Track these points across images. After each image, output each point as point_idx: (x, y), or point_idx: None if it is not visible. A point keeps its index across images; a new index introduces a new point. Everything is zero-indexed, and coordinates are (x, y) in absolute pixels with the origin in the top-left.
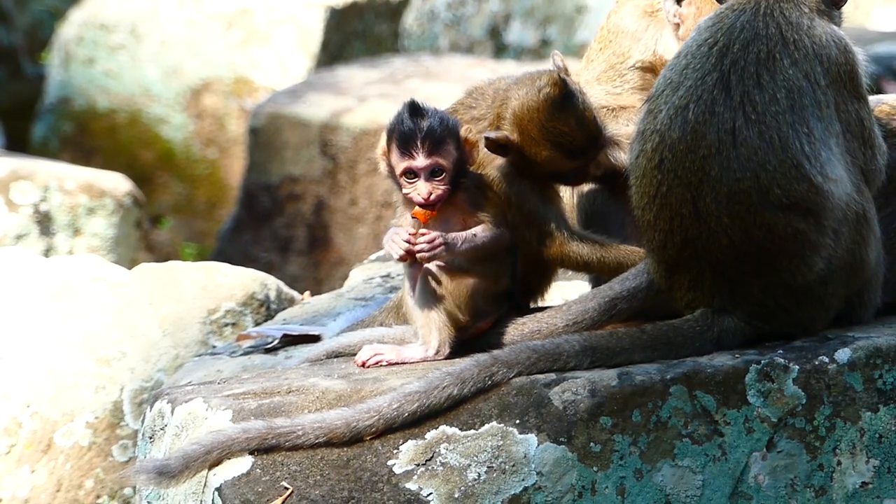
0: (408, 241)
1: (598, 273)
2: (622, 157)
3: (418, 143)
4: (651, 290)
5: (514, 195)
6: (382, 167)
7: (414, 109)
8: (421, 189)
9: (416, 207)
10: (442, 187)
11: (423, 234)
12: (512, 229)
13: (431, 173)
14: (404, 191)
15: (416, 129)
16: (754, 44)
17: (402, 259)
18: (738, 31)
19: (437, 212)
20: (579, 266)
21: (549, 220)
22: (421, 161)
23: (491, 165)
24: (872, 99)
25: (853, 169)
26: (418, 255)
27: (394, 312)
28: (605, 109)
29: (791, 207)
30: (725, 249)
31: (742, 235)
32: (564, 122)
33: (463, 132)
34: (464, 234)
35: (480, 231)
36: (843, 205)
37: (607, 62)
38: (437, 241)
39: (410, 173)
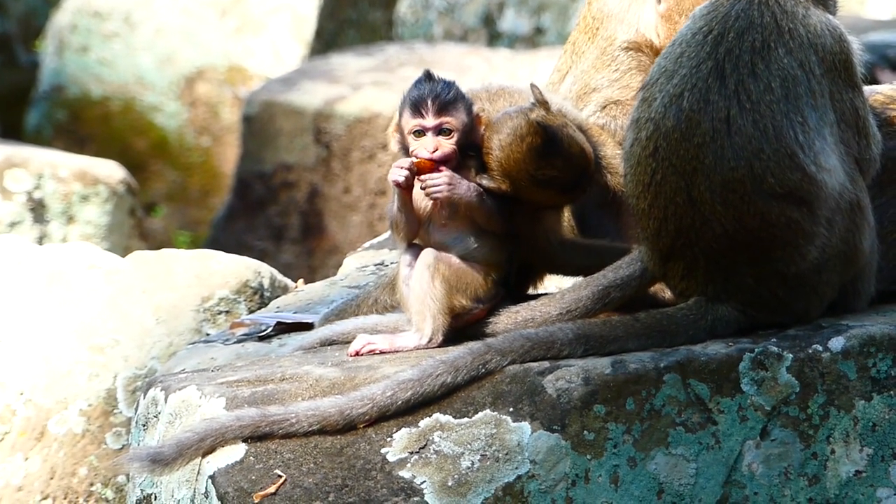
0: (409, 168)
1: (584, 275)
2: (612, 180)
3: (429, 103)
4: (644, 278)
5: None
6: (394, 142)
7: (429, 76)
8: (427, 142)
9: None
10: (449, 146)
11: (434, 174)
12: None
13: (440, 132)
14: (411, 148)
15: (427, 90)
16: (749, 32)
17: (397, 183)
18: (733, 19)
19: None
20: (567, 272)
21: (541, 219)
22: (430, 120)
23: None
24: (867, 88)
25: (847, 158)
26: (428, 187)
27: (389, 289)
28: (611, 105)
29: (785, 196)
30: (719, 238)
31: (736, 224)
32: (552, 166)
33: (476, 109)
34: (470, 184)
35: (486, 194)
36: (836, 194)
37: (598, 48)
38: (442, 177)
39: (419, 131)
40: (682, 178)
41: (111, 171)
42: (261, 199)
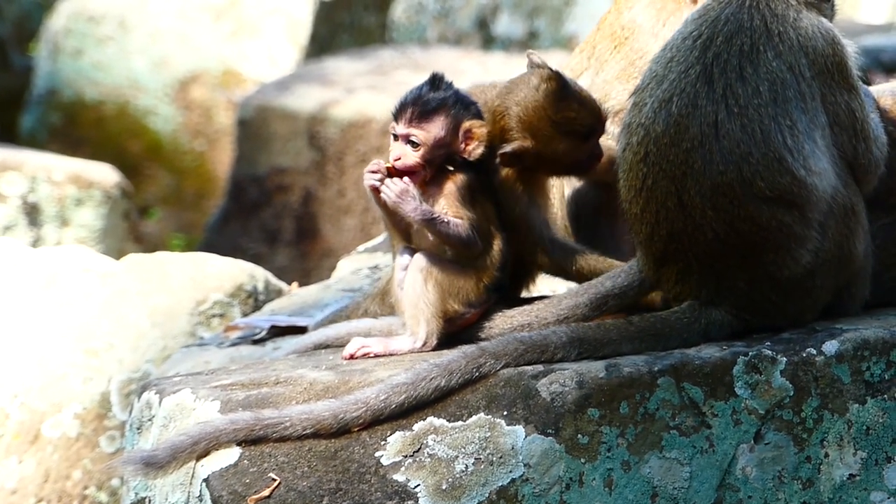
0: (378, 171)
1: (573, 280)
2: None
3: (406, 110)
4: (643, 287)
5: (507, 199)
6: None
7: (433, 80)
8: (393, 149)
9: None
10: (414, 158)
11: (395, 180)
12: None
13: (408, 142)
14: (390, 147)
15: (412, 95)
16: (738, 36)
17: (371, 188)
18: (723, 23)
19: (416, 185)
20: (557, 272)
21: (535, 227)
22: (401, 127)
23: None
24: (878, 88)
25: (840, 162)
26: (382, 191)
27: (378, 300)
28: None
29: (775, 200)
30: (711, 242)
31: (727, 228)
32: (570, 108)
33: (469, 123)
34: (437, 210)
35: (454, 223)
36: (828, 197)
37: (626, 59)
38: (397, 186)
39: (394, 135)
40: (673, 182)
41: (105, 175)
42: (255, 202)
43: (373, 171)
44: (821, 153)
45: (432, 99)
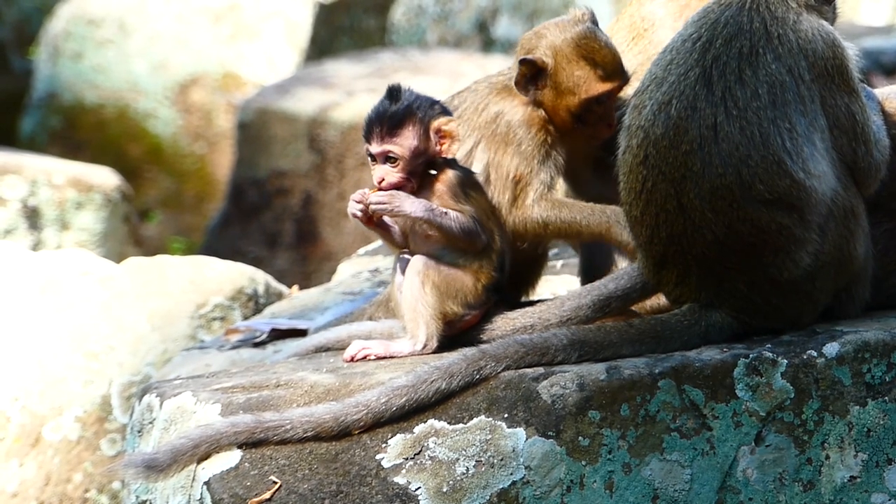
0: (360, 201)
1: (571, 238)
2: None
3: (375, 129)
4: (646, 289)
5: (528, 144)
6: None
7: (391, 93)
8: (376, 173)
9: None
10: (396, 175)
11: (379, 192)
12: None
13: (387, 159)
14: (372, 171)
15: (376, 113)
16: (737, 39)
17: (356, 217)
18: (722, 26)
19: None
20: (550, 231)
21: (536, 174)
22: (375, 146)
23: (518, 113)
24: (883, 91)
25: (840, 165)
26: (371, 207)
27: (383, 307)
28: None
29: (774, 203)
30: (710, 245)
31: (726, 231)
32: (596, 41)
33: (437, 123)
34: (433, 204)
35: (454, 214)
36: (827, 200)
37: (643, 53)
38: (385, 196)
39: (371, 156)
40: (672, 185)
41: (105, 178)
42: (255, 205)
43: (358, 201)
44: (820, 156)
45: (397, 111)
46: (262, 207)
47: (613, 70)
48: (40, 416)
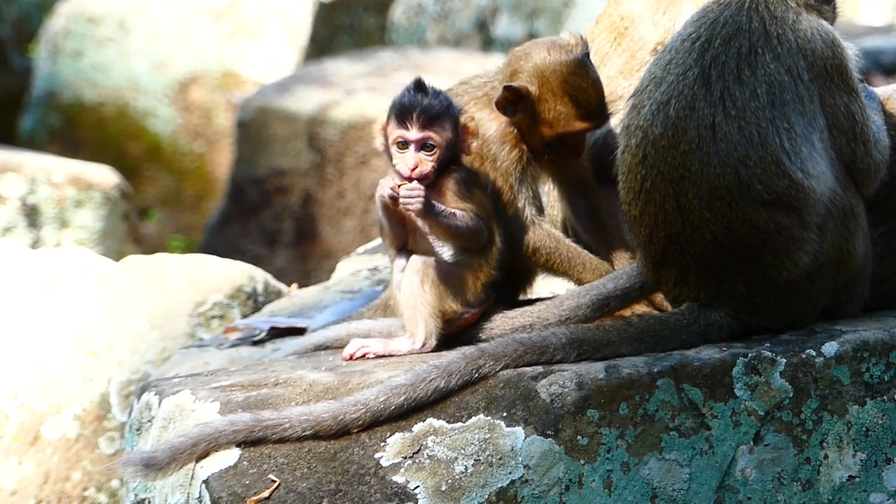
0: (392, 188)
1: (557, 273)
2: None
3: (414, 116)
4: (644, 289)
5: (504, 160)
6: (379, 141)
7: (419, 85)
8: (408, 159)
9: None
10: (430, 163)
11: (410, 187)
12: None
13: (422, 147)
14: (394, 161)
15: (415, 101)
16: (736, 38)
17: (385, 205)
18: (721, 25)
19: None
20: (539, 258)
21: (523, 195)
22: (414, 133)
23: (492, 127)
24: (885, 90)
25: (838, 165)
26: (400, 201)
27: (380, 312)
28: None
29: (773, 203)
30: (709, 245)
31: (725, 231)
32: (584, 78)
33: (463, 119)
34: (444, 206)
35: (461, 214)
36: (826, 200)
37: (627, 52)
38: (417, 192)
39: (403, 143)
40: (671, 185)
41: (105, 176)
42: (254, 204)
43: (391, 188)
44: (819, 156)
45: (437, 102)
46: (262, 206)
47: (596, 111)
48: (39, 414)
